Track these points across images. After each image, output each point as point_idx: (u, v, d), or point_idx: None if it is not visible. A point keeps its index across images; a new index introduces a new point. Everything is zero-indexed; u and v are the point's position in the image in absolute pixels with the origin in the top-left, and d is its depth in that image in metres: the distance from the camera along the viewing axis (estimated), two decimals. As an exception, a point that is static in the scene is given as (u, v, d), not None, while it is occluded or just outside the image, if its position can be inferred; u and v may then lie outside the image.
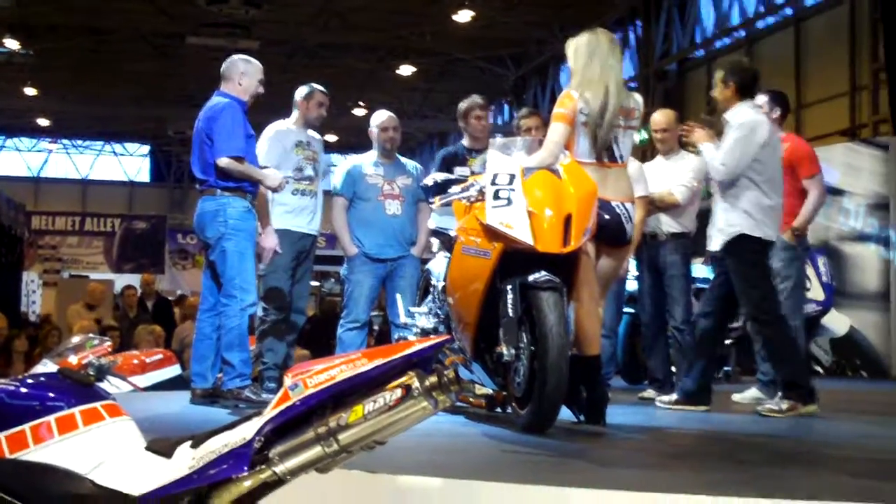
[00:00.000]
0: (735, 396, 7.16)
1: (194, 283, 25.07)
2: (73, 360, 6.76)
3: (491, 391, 5.41)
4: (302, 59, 23.42)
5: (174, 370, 8.86)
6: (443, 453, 4.28)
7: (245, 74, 6.35)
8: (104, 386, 3.03)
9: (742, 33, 18.09)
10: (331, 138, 27.74)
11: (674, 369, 7.41)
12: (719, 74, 6.32)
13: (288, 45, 22.98)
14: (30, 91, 26.58)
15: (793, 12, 16.79)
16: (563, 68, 22.44)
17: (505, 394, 5.27)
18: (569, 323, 4.96)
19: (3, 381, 2.92)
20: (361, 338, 7.16)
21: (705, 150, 6.30)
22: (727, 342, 8.92)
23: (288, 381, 2.47)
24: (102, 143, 38.26)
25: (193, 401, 6.27)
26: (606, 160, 5.40)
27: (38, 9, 20.14)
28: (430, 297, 6.11)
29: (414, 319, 6.11)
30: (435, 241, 6.40)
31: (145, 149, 38.64)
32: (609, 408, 5.36)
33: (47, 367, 6.79)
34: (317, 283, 21.37)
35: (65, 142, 37.72)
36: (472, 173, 6.02)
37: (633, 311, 8.35)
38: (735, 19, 18.23)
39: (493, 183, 5.03)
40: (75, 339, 7.71)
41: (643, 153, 13.59)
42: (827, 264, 10.75)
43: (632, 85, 19.07)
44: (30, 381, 2.91)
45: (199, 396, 6.25)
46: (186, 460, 2.58)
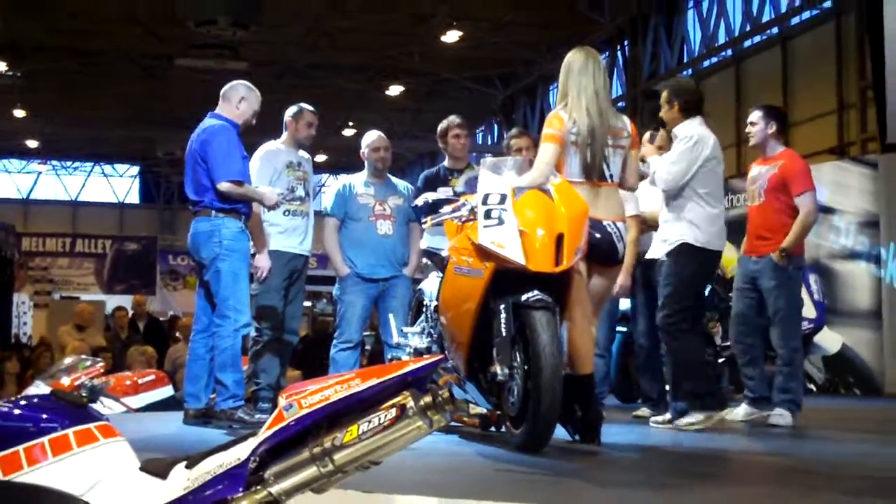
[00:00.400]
0: (726, 415, 7.14)
1: (185, 303, 25.04)
2: (66, 381, 6.67)
3: (485, 410, 5.42)
4: (291, 80, 23.44)
5: (167, 391, 8.85)
6: (438, 473, 4.28)
7: (245, 100, 6.38)
8: (97, 407, 3.03)
9: (729, 52, 18.18)
10: (320, 158, 27.83)
11: (667, 388, 7.39)
12: (664, 95, 6.50)
13: (276, 66, 23.01)
14: (19, 113, 26.55)
15: (779, 31, 16.88)
16: (551, 88, 22.51)
17: (499, 413, 5.27)
18: (562, 342, 4.96)
19: (-3, 403, 2.91)
20: (354, 358, 7.17)
21: (652, 162, 6.46)
22: (720, 360, 8.90)
23: (283, 401, 2.46)
24: (92, 164, 38.26)
25: (187, 421, 6.25)
26: (597, 179, 5.42)
27: (26, 30, 20.14)
28: (422, 317, 6.10)
29: (407, 339, 6.10)
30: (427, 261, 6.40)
31: (135, 170, 38.70)
32: (603, 427, 5.35)
33: (40, 388, 6.71)
34: (309, 304, 21.35)
35: (54, 163, 37.69)
36: (455, 193, 6.03)
37: (626, 329, 8.34)
38: (722, 38, 18.32)
39: (485, 203, 5.03)
40: (67, 361, 7.62)
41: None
42: (818, 282, 10.77)
43: (619, 105, 19.15)
44: (23, 402, 2.91)
45: (192, 417, 6.24)
46: (181, 481, 2.58)
